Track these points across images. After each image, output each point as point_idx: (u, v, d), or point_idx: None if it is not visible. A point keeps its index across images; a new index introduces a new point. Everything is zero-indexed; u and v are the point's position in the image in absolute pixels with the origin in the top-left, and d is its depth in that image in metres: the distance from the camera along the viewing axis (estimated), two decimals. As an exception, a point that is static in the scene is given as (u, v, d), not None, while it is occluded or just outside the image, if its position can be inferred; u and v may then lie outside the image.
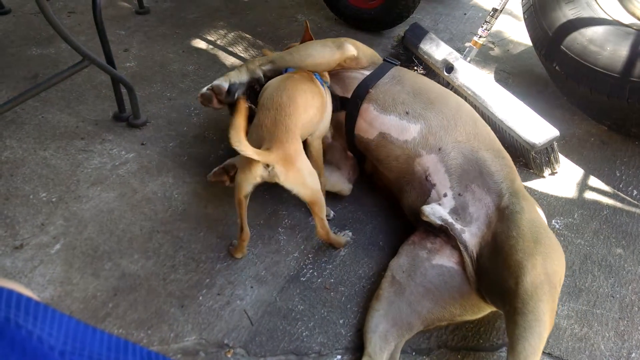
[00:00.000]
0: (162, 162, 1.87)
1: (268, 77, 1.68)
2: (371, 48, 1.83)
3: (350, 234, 1.68)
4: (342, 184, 1.78)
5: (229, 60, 2.49)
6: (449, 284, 1.43)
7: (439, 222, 1.47)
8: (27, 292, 0.61)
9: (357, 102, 1.69)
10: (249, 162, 1.34)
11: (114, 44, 2.29)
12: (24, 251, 1.51)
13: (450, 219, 1.48)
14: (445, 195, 1.53)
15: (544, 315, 1.18)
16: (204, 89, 1.65)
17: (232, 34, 2.73)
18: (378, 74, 1.72)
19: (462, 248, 1.45)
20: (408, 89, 1.68)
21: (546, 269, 1.25)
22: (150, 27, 2.69)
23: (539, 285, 1.21)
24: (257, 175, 1.38)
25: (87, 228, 1.60)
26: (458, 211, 1.50)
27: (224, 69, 2.41)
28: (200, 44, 2.61)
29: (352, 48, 1.71)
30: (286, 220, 1.70)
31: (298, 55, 1.67)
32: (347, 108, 1.71)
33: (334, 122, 1.76)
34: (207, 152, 1.93)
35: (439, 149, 1.56)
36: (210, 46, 2.60)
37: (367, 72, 1.73)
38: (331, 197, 1.78)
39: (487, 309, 1.43)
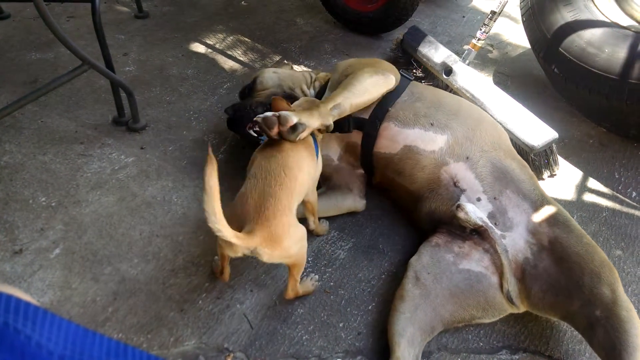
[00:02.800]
0: (162, 166, 1.87)
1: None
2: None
3: (316, 277, 1.55)
4: (356, 203, 1.75)
5: (228, 64, 2.50)
6: (475, 288, 1.43)
7: (479, 223, 1.46)
8: (25, 296, 0.61)
9: (376, 122, 1.65)
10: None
11: (113, 48, 2.30)
12: (23, 256, 1.51)
13: (489, 222, 1.48)
14: (479, 199, 1.53)
15: None
16: (269, 113, 1.38)
17: (231, 37, 2.73)
18: (396, 92, 1.70)
19: (500, 251, 1.45)
20: (428, 103, 1.67)
21: None
22: (150, 31, 2.70)
23: (627, 296, 1.30)
24: (238, 252, 1.25)
25: (86, 232, 1.60)
26: (496, 215, 1.50)
27: (223, 73, 2.41)
28: (199, 48, 2.61)
29: (393, 79, 1.69)
30: (286, 224, 1.70)
31: (357, 92, 1.57)
32: (364, 129, 1.67)
33: (346, 143, 1.74)
34: (206, 156, 1.92)
35: (467, 158, 1.56)
36: (210, 50, 2.60)
37: None
38: (330, 200, 1.78)
39: (508, 312, 1.44)
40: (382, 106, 1.66)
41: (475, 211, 1.47)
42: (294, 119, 1.36)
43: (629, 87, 1.93)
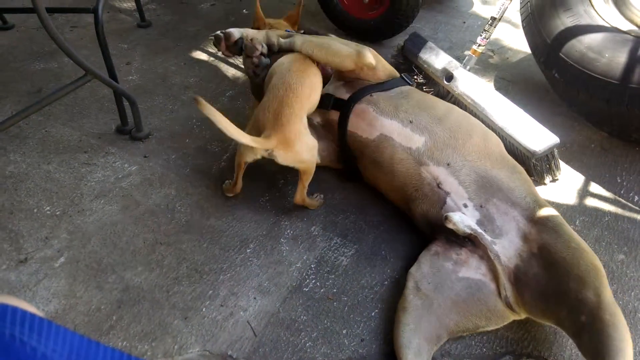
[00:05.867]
0: (165, 174, 1.88)
1: (276, 52, 1.80)
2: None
3: (322, 195, 1.79)
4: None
5: (230, 71, 2.51)
6: (476, 297, 1.43)
7: (468, 231, 1.46)
8: (30, 308, 0.62)
9: (351, 103, 1.72)
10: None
11: (116, 58, 2.32)
12: (28, 265, 1.53)
13: (479, 229, 1.47)
14: (465, 205, 1.52)
15: (627, 328, 1.23)
16: (219, 32, 1.78)
17: (233, 45, 2.74)
18: (386, 85, 1.75)
19: (493, 257, 1.45)
20: (414, 103, 1.69)
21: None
22: (152, 40, 2.72)
23: (614, 300, 1.28)
24: (257, 153, 1.54)
25: (90, 241, 1.61)
26: (484, 223, 1.50)
27: (226, 81, 2.43)
28: (201, 56, 2.63)
29: (371, 56, 1.74)
30: (288, 231, 1.71)
31: (323, 46, 1.71)
32: (342, 109, 1.74)
33: (325, 120, 1.80)
34: (209, 164, 1.94)
35: (448, 164, 1.56)
36: (212, 58, 2.62)
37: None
38: (332, 206, 1.80)
39: (511, 319, 1.44)
40: (365, 90, 1.73)
41: (462, 220, 1.47)
42: (236, 34, 1.72)
43: (630, 91, 1.93)
